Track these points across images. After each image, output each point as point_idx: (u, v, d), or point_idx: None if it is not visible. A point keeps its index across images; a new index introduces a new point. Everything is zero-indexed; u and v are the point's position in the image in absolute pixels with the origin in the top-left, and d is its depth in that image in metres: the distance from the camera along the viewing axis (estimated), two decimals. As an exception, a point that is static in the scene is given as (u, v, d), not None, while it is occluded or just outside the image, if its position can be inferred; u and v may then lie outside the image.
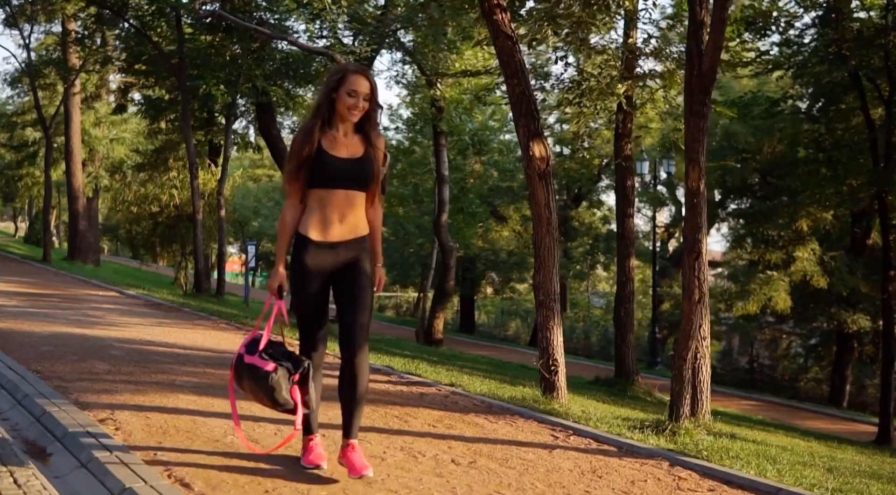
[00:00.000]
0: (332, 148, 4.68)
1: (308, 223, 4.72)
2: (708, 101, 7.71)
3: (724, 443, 7.57)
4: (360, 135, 4.78)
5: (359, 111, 4.66)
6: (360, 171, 4.70)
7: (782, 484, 5.89)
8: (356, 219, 4.78)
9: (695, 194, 7.80)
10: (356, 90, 4.63)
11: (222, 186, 22.91)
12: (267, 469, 5.14)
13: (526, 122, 8.75)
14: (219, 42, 19.79)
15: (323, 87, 4.80)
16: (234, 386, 4.92)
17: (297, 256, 4.75)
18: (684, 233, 8.17)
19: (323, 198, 4.69)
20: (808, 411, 27.65)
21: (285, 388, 4.59)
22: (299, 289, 4.77)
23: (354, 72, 4.70)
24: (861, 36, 18.50)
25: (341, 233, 4.73)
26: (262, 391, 4.61)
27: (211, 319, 15.14)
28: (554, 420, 7.69)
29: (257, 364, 4.62)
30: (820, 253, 27.98)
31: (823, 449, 11.48)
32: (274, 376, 4.56)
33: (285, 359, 4.68)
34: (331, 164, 4.63)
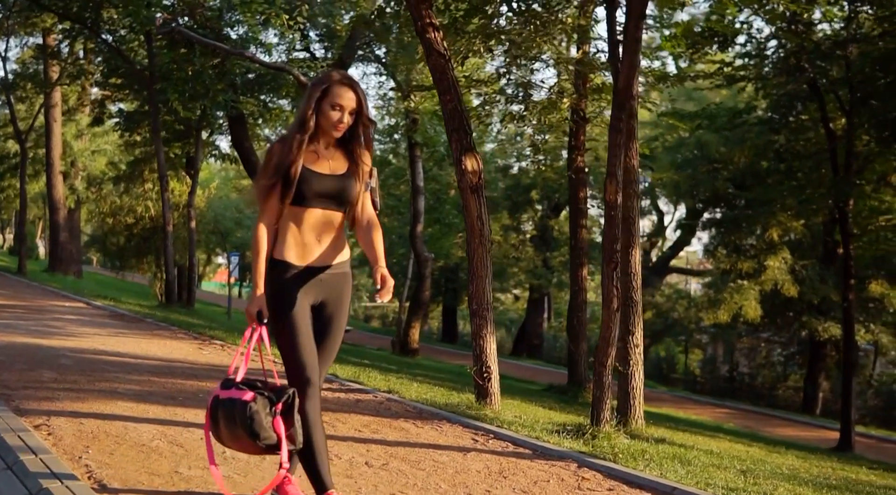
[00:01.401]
0: (313, 163, 4.24)
1: (284, 246, 4.26)
2: (624, 117, 8.02)
3: (642, 447, 7.83)
4: (343, 150, 4.36)
5: (343, 126, 4.24)
6: (341, 190, 4.26)
7: (678, 484, 6.17)
8: (335, 241, 4.33)
9: (612, 206, 8.09)
10: (341, 104, 4.20)
11: (192, 198, 23.21)
12: (184, 473, 5.39)
13: (459, 137, 9.02)
14: (181, 57, 20.09)
15: (305, 98, 4.31)
16: (210, 429, 4.24)
17: (277, 280, 4.23)
18: (602, 244, 8.46)
19: (298, 216, 4.23)
20: (781, 419, 28.00)
21: (266, 421, 4.00)
22: (282, 314, 4.20)
23: (340, 83, 4.25)
24: (819, 48, 18.83)
25: (321, 257, 4.28)
26: (241, 425, 4.01)
27: (171, 330, 15.36)
28: (478, 424, 7.96)
29: (233, 395, 4.08)
30: (791, 262, 28.29)
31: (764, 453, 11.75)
32: (252, 406, 4.00)
33: (266, 389, 4.13)
34: (309, 181, 4.18)
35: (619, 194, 8.07)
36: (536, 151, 17.41)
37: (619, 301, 8.18)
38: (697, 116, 22.93)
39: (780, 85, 19.77)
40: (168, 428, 6.76)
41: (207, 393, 8.54)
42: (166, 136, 24.71)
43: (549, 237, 40.22)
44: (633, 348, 9.55)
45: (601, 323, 8.30)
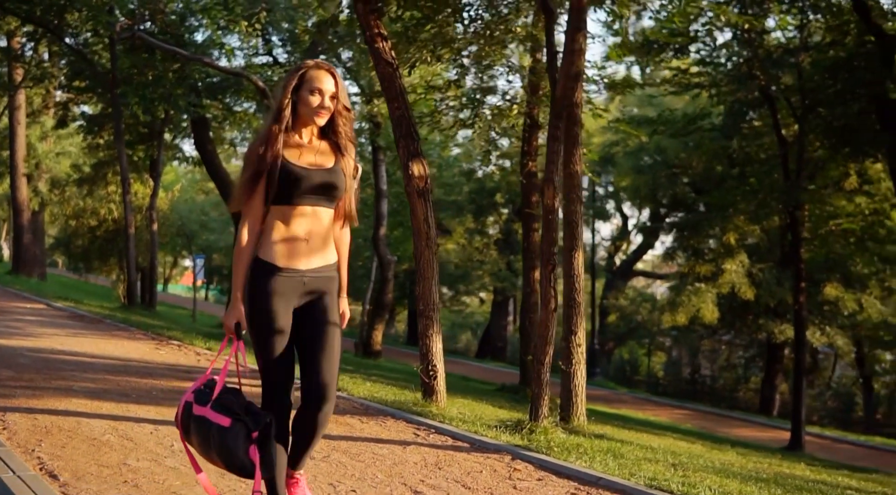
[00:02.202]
0: (296, 157, 3.98)
1: (270, 246, 3.97)
2: (562, 125, 8.35)
3: (578, 441, 8.17)
4: (327, 142, 4.12)
5: (325, 111, 4.01)
6: (329, 183, 4.00)
7: (604, 474, 6.50)
8: (325, 240, 4.07)
9: (549, 211, 8.42)
10: (319, 88, 3.98)
11: (154, 201, 23.37)
12: (133, 464, 5.68)
13: (406, 143, 9.32)
14: (141, 62, 20.31)
15: (281, 89, 4.08)
16: (182, 436, 4.10)
17: (260, 288, 3.95)
18: (541, 247, 8.78)
19: (285, 215, 3.96)
20: (738, 419, 28.47)
21: (242, 449, 3.80)
22: (264, 328, 3.95)
23: (316, 67, 4.05)
24: (770, 56, 19.27)
25: (310, 259, 4.01)
26: (215, 450, 3.84)
27: (129, 330, 15.56)
28: (421, 420, 8.27)
29: (209, 417, 3.86)
30: (748, 265, 28.76)
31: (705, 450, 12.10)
32: (229, 434, 3.79)
33: (244, 412, 3.88)
34: (294, 175, 3.91)
35: (557, 199, 8.40)
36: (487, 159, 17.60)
37: (556, 301, 8.48)
38: (653, 122, 23.32)
39: (731, 92, 20.19)
40: (120, 423, 7.02)
41: (161, 391, 8.83)
42: (129, 139, 24.84)
43: (514, 241, 40.53)
44: (576, 347, 9.88)
45: (539, 322, 8.61)
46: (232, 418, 3.83)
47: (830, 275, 28.73)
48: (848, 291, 28.43)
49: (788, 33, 21.02)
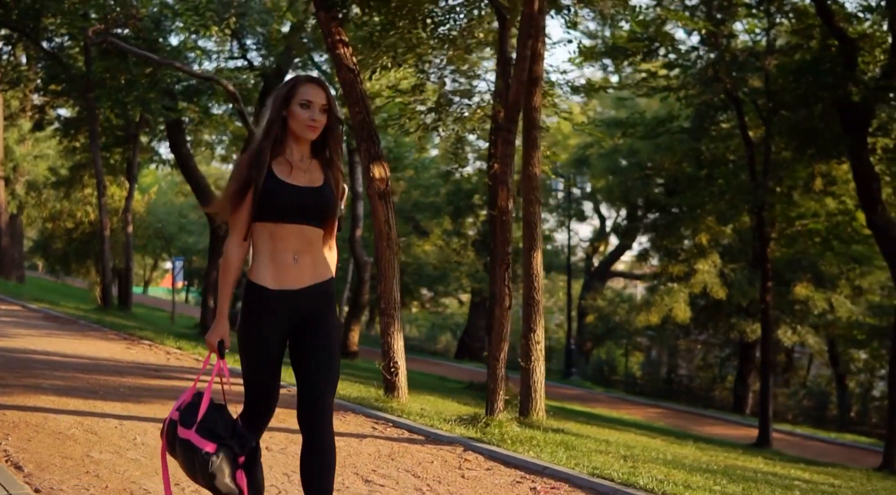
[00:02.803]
0: (287, 174, 3.87)
1: (259, 268, 3.87)
2: (514, 129, 8.64)
3: (532, 434, 8.45)
4: (318, 161, 4.00)
5: (316, 126, 3.87)
6: (319, 203, 3.89)
7: (550, 463, 6.80)
8: (314, 259, 3.93)
9: (503, 212, 8.71)
10: (310, 100, 3.85)
11: (129, 203, 23.57)
12: (95, 456, 5.93)
13: (367, 146, 9.59)
14: (114, 66, 20.55)
15: (271, 104, 3.95)
16: (167, 452, 3.99)
17: (250, 311, 3.87)
18: (494, 246, 9.06)
19: (273, 233, 3.85)
20: (712, 418, 28.74)
21: (228, 474, 3.73)
22: (252, 352, 3.89)
23: (306, 81, 3.95)
24: (735, 59, 19.60)
25: (300, 278, 3.89)
26: (200, 475, 3.75)
27: (102, 331, 15.81)
28: (381, 415, 8.54)
29: (194, 442, 3.75)
30: (721, 265, 29.09)
31: (663, 445, 12.37)
32: (215, 460, 3.70)
33: (229, 436, 3.81)
34: (284, 194, 3.82)
35: (510, 201, 8.68)
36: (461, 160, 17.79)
37: (511, 299, 8.75)
38: (623, 124, 23.63)
39: (697, 95, 20.51)
40: (86, 418, 7.27)
41: (128, 388, 9.08)
42: (106, 142, 25.02)
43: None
44: (535, 345, 10.16)
45: (495, 319, 8.88)
46: (217, 443, 3.73)
47: (801, 275, 29.09)
48: (818, 291, 28.80)
49: (755, 36, 21.37)
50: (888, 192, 20.33)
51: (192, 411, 3.83)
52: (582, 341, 40.99)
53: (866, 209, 17.82)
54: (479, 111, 14.11)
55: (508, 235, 8.85)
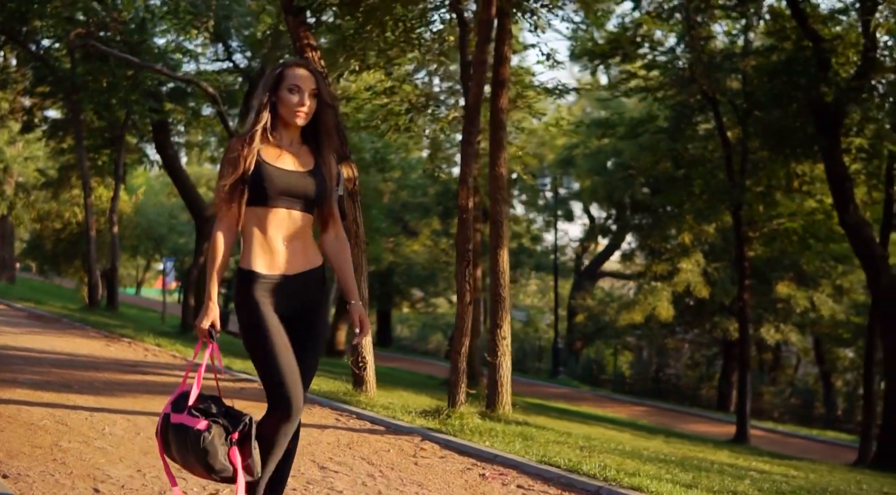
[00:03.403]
0: (275, 158, 3.84)
1: (250, 254, 3.84)
2: (475, 130, 8.91)
3: (491, 426, 8.73)
4: (309, 146, 3.95)
5: (305, 110, 3.83)
6: (307, 187, 3.85)
7: (501, 451, 7.08)
8: (305, 245, 3.90)
9: (464, 210, 8.98)
10: (298, 85, 3.81)
11: (115, 204, 23.82)
12: (64, 445, 6.19)
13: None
14: (96, 69, 20.85)
15: (259, 90, 3.93)
16: (163, 450, 3.90)
17: (246, 295, 3.83)
18: (457, 243, 9.33)
19: (262, 218, 3.83)
20: (697, 416, 29.04)
21: (221, 451, 3.66)
22: (258, 332, 3.81)
23: (294, 65, 3.93)
24: (712, 61, 19.87)
25: (290, 263, 3.86)
26: (193, 455, 3.68)
27: (84, 329, 16.08)
28: (346, 407, 8.82)
29: (185, 422, 3.70)
30: (704, 264, 29.38)
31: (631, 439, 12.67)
32: (206, 436, 3.64)
33: (221, 416, 3.75)
34: (271, 177, 3.79)
35: (471, 199, 8.95)
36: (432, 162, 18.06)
37: (472, 295, 9.02)
38: (602, 125, 23.93)
39: (673, 96, 20.79)
40: (58, 410, 7.55)
41: (102, 383, 9.35)
42: (94, 143, 25.27)
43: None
44: (501, 340, 10.42)
45: (457, 315, 9.15)
46: (209, 420, 3.68)
47: (783, 274, 29.41)
48: (800, 289, 29.12)
49: (733, 38, 21.64)
50: (863, 192, 20.65)
51: (183, 398, 3.79)
52: (572, 341, 41.24)
53: (839, 208, 18.12)
54: (453, 111, 14.39)
55: (469, 233, 9.12)
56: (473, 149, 8.94)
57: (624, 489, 6.05)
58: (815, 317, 30.17)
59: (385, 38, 10.97)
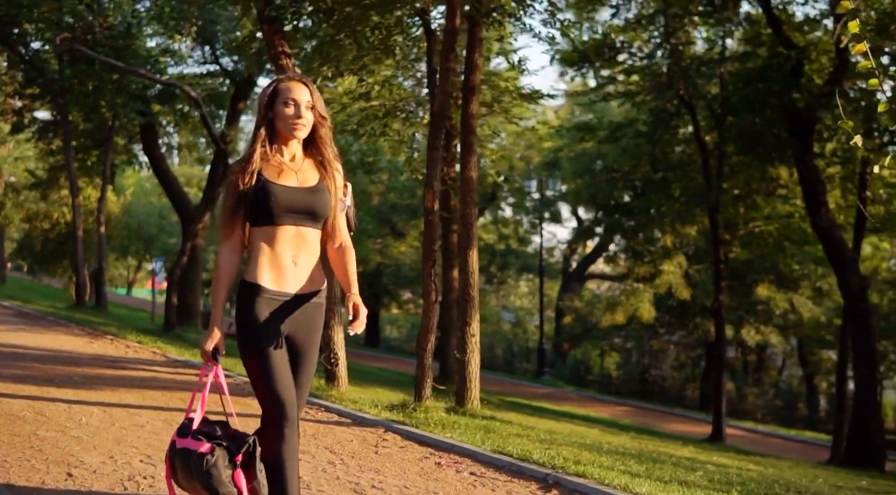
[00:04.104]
0: (278, 176, 3.81)
1: (257, 269, 3.81)
2: (439, 135, 9.27)
3: (455, 419, 9.10)
4: (312, 161, 3.93)
5: (303, 123, 3.81)
6: (313, 203, 3.83)
7: (457, 441, 7.46)
8: (312, 263, 3.89)
9: (429, 212, 9.34)
10: (294, 99, 3.81)
11: (101, 204, 24.15)
12: (42, 434, 6.55)
13: (308, 151, 10.19)
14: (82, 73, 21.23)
15: (257, 108, 3.95)
16: (171, 476, 3.93)
17: (248, 308, 3.80)
18: (423, 244, 9.69)
19: (270, 236, 3.80)
20: (679, 416, 29.37)
21: (226, 474, 3.68)
22: (253, 345, 3.77)
23: (288, 79, 3.93)
24: (688, 66, 20.26)
25: (298, 282, 3.84)
26: (198, 480, 3.69)
27: (69, 326, 16.44)
28: (315, 401, 9.18)
29: (189, 446, 3.74)
30: (686, 266, 29.74)
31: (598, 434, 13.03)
32: (209, 459, 3.66)
33: (225, 438, 3.80)
34: (275, 195, 3.76)
35: (436, 202, 9.31)
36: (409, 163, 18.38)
37: (438, 293, 9.39)
38: (581, 129, 24.33)
39: (649, 100, 21.16)
40: (38, 402, 7.90)
41: (82, 377, 9.70)
42: (84, 144, 25.58)
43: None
44: (470, 337, 10.76)
45: (423, 313, 9.51)
46: (212, 443, 3.71)
47: (763, 276, 29.79)
48: (780, 291, 29.51)
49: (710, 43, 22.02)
50: (838, 195, 21.07)
51: (188, 423, 3.84)
52: (559, 342, 41.55)
53: (811, 212, 18.51)
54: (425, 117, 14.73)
55: (435, 235, 9.47)
56: (438, 154, 9.29)
57: (570, 476, 6.40)
58: (795, 319, 30.54)
59: (359, 46, 11.31)
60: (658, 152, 22.87)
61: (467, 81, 10.77)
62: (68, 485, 5.19)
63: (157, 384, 9.93)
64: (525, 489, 6.14)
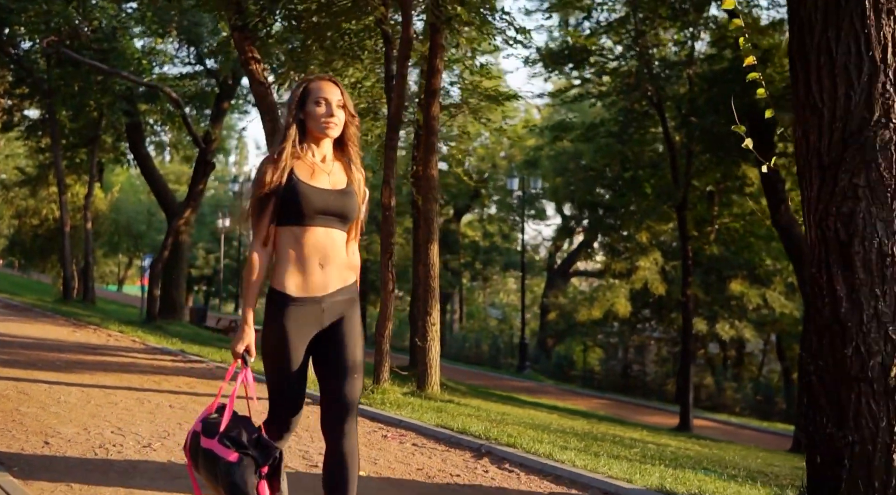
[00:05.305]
0: (309, 177, 3.75)
1: (283, 274, 3.77)
2: (395, 137, 9.94)
3: (411, 400, 9.76)
4: (341, 163, 3.88)
5: (335, 122, 3.76)
6: (344, 206, 3.78)
7: (404, 417, 8.14)
8: (340, 262, 3.82)
9: (386, 208, 10.03)
10: (325, 98, 3.76)
11: (88, 201, 24.79)
12: (23, 410, 7.21)
13: (277, 151, 10.82)
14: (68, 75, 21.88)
15: (287, 109, 3.88)
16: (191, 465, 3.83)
17: (274, 318, 3.75)
18: (381, 238, 10.37)
19: (298, 238, 3.74)
20: (655, 408, 29.91)
21: (251, 484, 3.61)
22: (277, 358, 3.80)
23: (317, 79, 3.86)
24: (656, 68, 20.91)
25: (326, 283, 3.78)
26: (222, 485, 3.62)
27: (54, 317, 17.13)
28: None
29: (216, 451, 3.64)
30: (662, 262, 30.38)
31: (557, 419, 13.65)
32: (236, 470, 3.59)
33: (252, 446, 3.69)
34: (306, 196, 3.70)
35: (393, 199, 9.99)
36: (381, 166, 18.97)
37: (394, 283, 10.06)
38: (554, 129, 24.97)
39: (618, 101, 21.83)
40: (21, 383, 8.57)
41: (64, 362, 10.36)
42: (72, 142, 26.20)
43: (451, 240, 41.78)
44: (431, 326, 11.45)
45: (381, 302, 10.18)
46: (240, 453, 3.61)
47: (738, 272, 30.43)
48: (753, 287, 30.15)
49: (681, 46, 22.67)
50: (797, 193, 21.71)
51: (215, 422, 3.75)
52: (543, 338, 42.05)
53: (772, 209, 19.15)
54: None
55: (392, 229, 10.14)
56: (395, 154, 9.95)
57: (501, 446, 7.06)
58: (769, 315, 31.14)
59: (328, 51, 11.98)
60: (629, 151, 23.49)
61: (428, 85, 11.47)
62: (45, 451, 5.81)
63: (134, 368, 10.62)
64: (459, 457, 6.78)
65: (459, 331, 48.70)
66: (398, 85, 9.78)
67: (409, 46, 9.75)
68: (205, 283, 59.59)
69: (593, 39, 21.39)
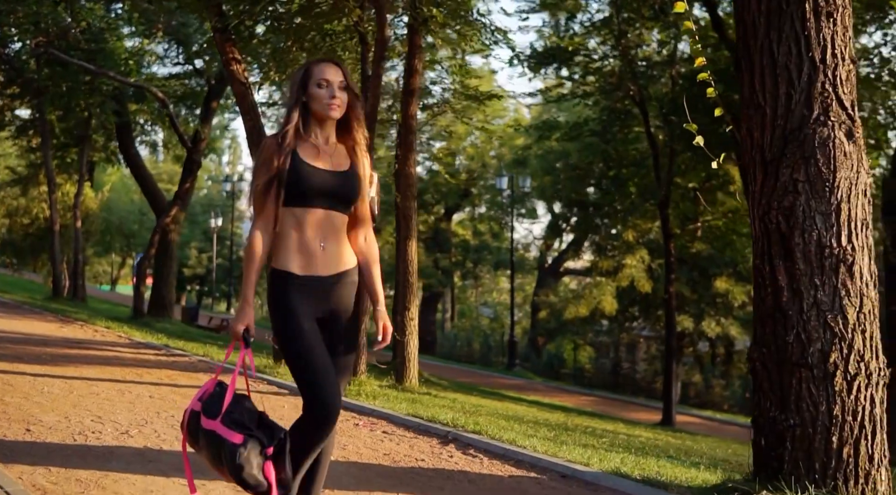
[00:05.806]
0: (313, 158, 3.75)
1: (285, 254, 3.76)
2: (370, 136, 10.17)
3: (387, 392, 10.05)
4: (345, 146, 3.88)
5: (337, 103, 3.75)
6: (343, 187, 3.77)
7: (377, 407, 8.42)
8: (340, 246, 3.82)
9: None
10: (327, 79, 3.75)
11: (78, 200, 25.03)
12: (7, 400, 7.46)
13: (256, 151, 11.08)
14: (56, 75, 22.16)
15: (289, 91, 3.90)
16: (188, 447, 3.78)
17: (280, 296, 3.74)
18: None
19: (299, 218, 3.73)
20: (642, 405, 30.13)
21: (256, 465, 3.53)
22: (289, 333, 3.69)
23: (319, 61, 3.87)
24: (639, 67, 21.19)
25: (326, 264, 3.76)
26: (227, 466, 3.54)
27: (42, 314, 17.40)
28: (261, 376, 10.11)
29: (220, 433, 3.56)
30: (648, 260, 30.65)
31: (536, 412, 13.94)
32: (242, 451, 3.50)
33: (256, 426, 3.63)
34: (308, 177, 3.70)
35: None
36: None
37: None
38: (539, 128, 25.24)
39: (600, 101, 22.10)
40: (6, 375, 8.85)
41: (50, 356, 10.63)
42: (62, 142, 26.45)
43: (442, 239, 41.97)
44: (409, 321, 11.74)
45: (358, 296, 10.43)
46: (244, 434, 3.54)
47: (723, 270, 30.68)
48: (738, 284, 30.40)
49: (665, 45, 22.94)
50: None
51: (215, 401, 3.66)
52: (534, 336, 42.26)
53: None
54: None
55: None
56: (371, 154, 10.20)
57: (468, 433, 7.34)
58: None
59: (308, 52, 12.24)
60: (612, 150, 23.75)
61: (407, 85, 11.74)
62: (26, 438, 6.07)
63: (118, 361, 10.88)
64: (426, 444, 7.06)
65: (451, 330, 48.91)
66: (373, 85, 10.06)
67: (385, 48, 10.02)
68: (198, 283, 59.78)
69: (578, 40, 21.65)
